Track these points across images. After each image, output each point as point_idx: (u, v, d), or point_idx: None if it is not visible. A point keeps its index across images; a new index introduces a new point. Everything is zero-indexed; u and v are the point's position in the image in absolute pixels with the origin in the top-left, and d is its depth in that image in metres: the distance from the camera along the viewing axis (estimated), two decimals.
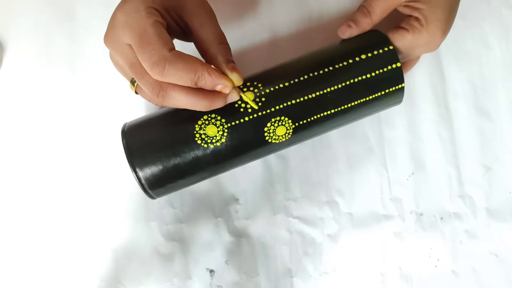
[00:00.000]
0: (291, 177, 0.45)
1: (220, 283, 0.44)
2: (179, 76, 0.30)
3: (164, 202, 0.44)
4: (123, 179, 0.44)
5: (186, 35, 0.34)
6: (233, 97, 0.33)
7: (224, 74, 0.32)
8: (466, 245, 0.45)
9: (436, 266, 0.44)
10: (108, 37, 0.32)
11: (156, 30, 0.30)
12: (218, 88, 0.31)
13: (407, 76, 0.45)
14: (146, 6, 0.30)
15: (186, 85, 0.31)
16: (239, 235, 0.44)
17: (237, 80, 0.32)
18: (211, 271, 0.44)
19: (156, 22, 0.30)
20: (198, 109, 0.32)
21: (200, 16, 0.33)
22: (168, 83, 0.31)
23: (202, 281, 0.44)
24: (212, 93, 0.32)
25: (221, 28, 0.34)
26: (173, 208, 0.44)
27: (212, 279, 0.44)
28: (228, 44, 0.34)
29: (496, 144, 0.45)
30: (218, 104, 0.32)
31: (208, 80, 0.31)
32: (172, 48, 0.30)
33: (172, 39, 0.36)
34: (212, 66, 0.32)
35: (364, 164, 0.45)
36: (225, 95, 0.32)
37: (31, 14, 0.45)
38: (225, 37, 0.34)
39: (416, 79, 0.46)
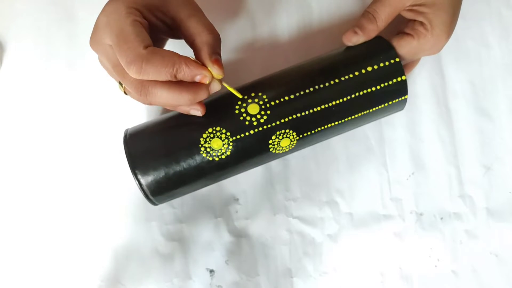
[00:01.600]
0: (291, 177, 0.45)
1: (220, 283, 0.44)
2: (157, 71, 0.30)
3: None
4: (123, 179, 0.43)
5: (174, 32, 0.34)
6: (215, 87, 0.33)
7: (204, 65, 0.32)
8: (466, 245, 0.45)
9: (436, 266, 0.44)
10: (92, 40, 0.33)
11: (134, 29, 0.30)
12: (197, 79, 0.31)
13: (407, 77, 0.45)
14: (127, 6, 0.31)
15: (165, 79, 0.30)
16: (239, 235, 0.44)
17: (217, 73, 0.32)
18: (211, 271, 0.44)
19: (134, 22, 0.30)
20: (183, 104, 0.32)
21: (186, 8, 0.33)
22: (149, 81, 0.31)
23: (202, 281, 0.44)
24: (193, 85, 0.32)
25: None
26: (173, 208, 0.44)
27: (212, 279, 0.44)
28: (218, 34, 0.34)
29: (496, 144, 0.45)
30: (202, 95, 0.32)
31: (186, 71, 0.30)
32: (148, 45, 0.30)
33: (163, 39, 0.36)
34: (192, 57, 0.31)
35: (364, 164, 0.45)
36: (207, 86, 0.32)
37: (31, 14, 0.45)
38: (214, 27, 0.33)
39: (416, 79, 0.46)
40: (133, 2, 0.31)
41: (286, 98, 0.36)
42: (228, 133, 0.35)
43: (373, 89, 0.36)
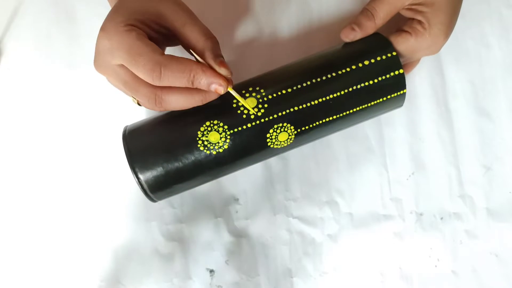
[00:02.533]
0: (291, 177, 0.45)
1: (220, 283, 0.44)
2: (175, 77, 0.31)
3: (164, 202, 0.44)
4: (123, 179, 0.44)
5: (172, 40, 0.35)
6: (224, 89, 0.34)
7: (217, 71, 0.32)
8: (466, 245, 0.45)
9: (436, 266, 0.44)
10: (98, 64, 0.33)
11: (142, 41, 0.31)
12: (213, 87, 0.32)
13: (407, 77, 0.45)
14: (125, 25, 0.31)
15: (183, 85, 0.31)
16: (239, 235, 0.44)
17: (226, 73, 0.33)
18: (211, 271, 0.44)
19: (139, 35, 0.31)
20: (195, 105, 0.33)
21: (179, 17, 0.33)
22: (162, 90, 0.32)
23: (202, 281, 0.44)
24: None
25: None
26: (173, 208, 0.44)
27: (212, 279, 0.44)
28: (215, 38, 0.34)
29: (496, 144, 0.45)
30: (212, 96, 0.33)
31: (203, 78, 0.31)
32: (162, 53, 0.31)
33: (163, 48, 0.37)
34: (202, 60, 0.32)
35: (364, 164, 0.45)
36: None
37: (31, 14, 0.45)
38: (210, 31, 0.34)
39: (416, 79, 0.46)
40: (127, 19, 0.31)
41: (283, 92, 0.36)
42: (226, 126, 0.35)
43: (371, 82, 0.36)
